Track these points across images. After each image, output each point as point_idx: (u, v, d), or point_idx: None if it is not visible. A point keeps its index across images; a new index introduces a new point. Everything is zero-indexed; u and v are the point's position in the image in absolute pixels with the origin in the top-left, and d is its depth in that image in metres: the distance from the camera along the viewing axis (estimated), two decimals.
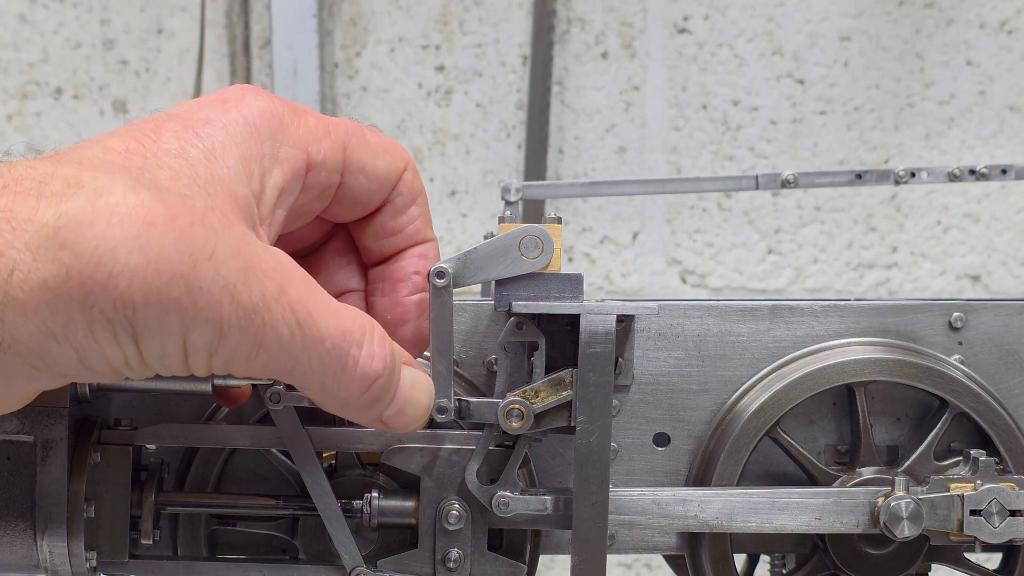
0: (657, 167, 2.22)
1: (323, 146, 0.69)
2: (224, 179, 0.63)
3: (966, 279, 2.23)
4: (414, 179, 0.74)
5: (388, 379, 0.66)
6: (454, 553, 0.77)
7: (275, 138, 0.66)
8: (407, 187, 0.73)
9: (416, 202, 0.74)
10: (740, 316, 0.83)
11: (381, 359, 0.65)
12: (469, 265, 0.74)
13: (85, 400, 0.75)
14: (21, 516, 0.73)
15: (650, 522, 0.79)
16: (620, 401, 0.82)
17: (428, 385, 0.70)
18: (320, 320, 0.63)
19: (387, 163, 0.72)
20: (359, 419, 0.68)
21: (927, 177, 1.14)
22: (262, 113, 0.66)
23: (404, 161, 0.73)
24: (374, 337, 0.65)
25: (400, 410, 0.68)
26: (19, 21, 2.26)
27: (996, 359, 0.84)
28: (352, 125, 0.72)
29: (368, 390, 0.65)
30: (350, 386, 0.65)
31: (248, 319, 0.60)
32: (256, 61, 2.26)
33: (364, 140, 0.71)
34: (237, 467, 0.81)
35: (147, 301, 0.58)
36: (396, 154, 0.73)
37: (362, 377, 0.65)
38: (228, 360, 0.61)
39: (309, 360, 0.63)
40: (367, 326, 0.65)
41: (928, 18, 2.20)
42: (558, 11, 2.21)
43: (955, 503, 0.78)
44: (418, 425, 0.70)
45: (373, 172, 0.71)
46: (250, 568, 0.78)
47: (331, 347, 0.63)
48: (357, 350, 0.64)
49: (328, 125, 0.70)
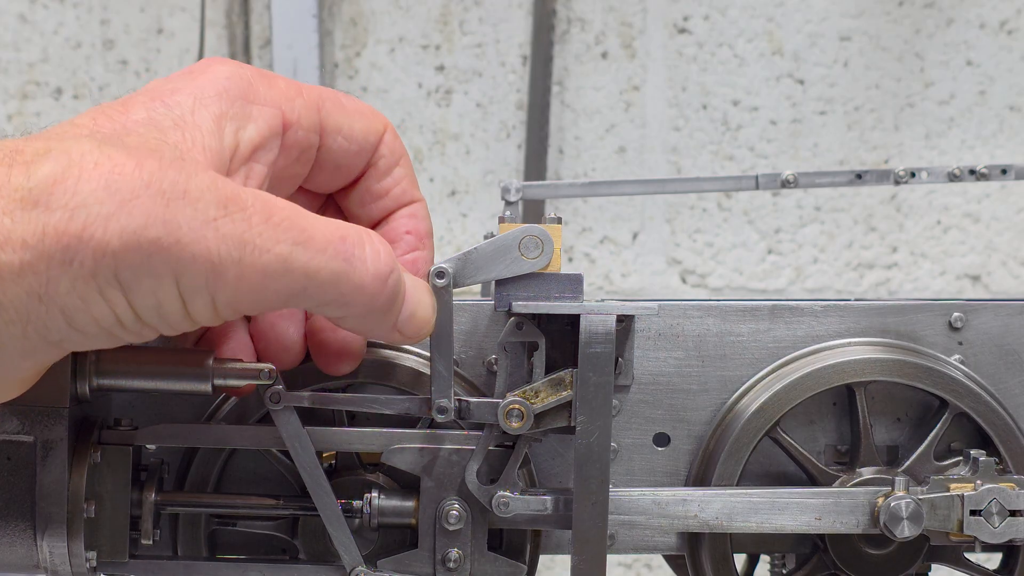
0: (657, 167, 2.22)
1: (296, 105, 0.69)
2: (195, 138, 0.64)
3: (966, 279, 2.23)
4: (394, 140, 0.74)
5: (398, 275, 0.66)
6: (454, 553, 0.77)
7: (245, 98, 0.67)
8: (388, 149, 0.74)
9: (399, 163, 0.75)
10: (740, 316, 0.83)
11: (387, 253, 0.65)
12: (469, 265, 0.74)
13: (85, 400, 0.75)
14: (21, 516, 0.73)
15: (650, 522, 0.79)
16: (620, 401, 0.82)
17: (428, 288, 0.71)
18: (315, 233, 0.62)
19: (364, 125, 0.72)
20: (379, 332, 0.68)
21: (927, 177, 1.14)
22: (230, 76, 0.67)
23: (382, 123, 0.73)
24: (372, 237, 0.65)
25: (412, 313, 0.68)
26: (19, 21, 2.26)
27: (996, 359, 0.84)
28: (326, 90, 0.72)
29: (384, 285, 0.65)
30: (365, 287, 0.64)
31: (240, 247, 0.60)
32: (256, 61, 2.26)
33: (339, 103, 0.72)
34: (237, 467, 0.81)
35: (126, 246, 0.58)
36: (374, 117, 0.73)
37: (375, 274, 0.64)
38: (233, 299, 0.61)
39: (318, 272, 0.62)
40: (362, 230, 0.65)
41: (928, 18, 2.20)
42: (558, 11, 2.22)
43: (955, 503, 0.78)
44: (429, 328, 0.70)
45: (351, 133, 0.72)
46: (250, 568, 0.78)
47: (335, 253, 0.63)
48: (361, 250, 0.64)
49: (300, 87, 0.71)
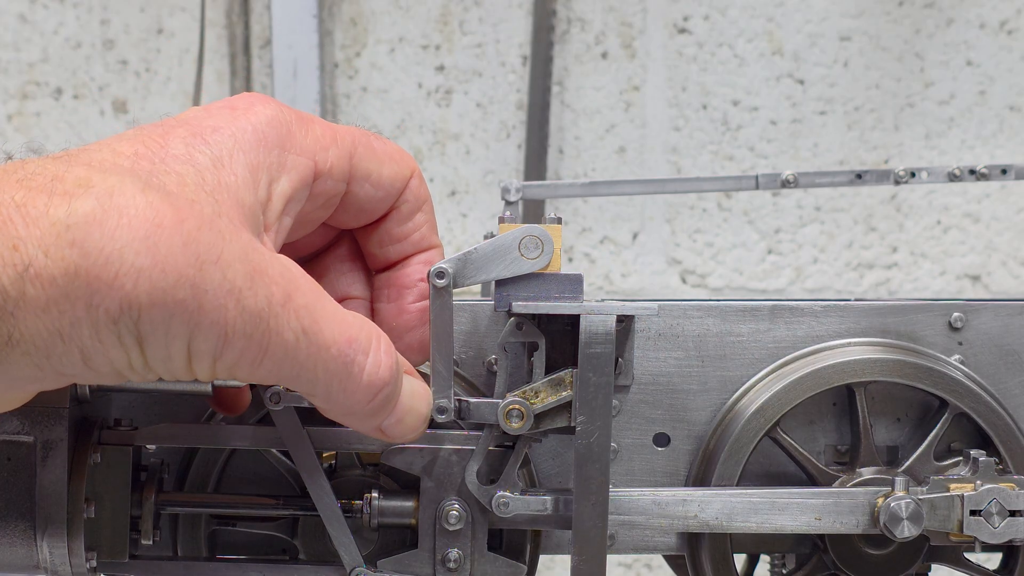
0: (657, 167, 2.22)
1: (330, 155, 0.69)
2: (231, 186, 0.63)
3: (966, 279, 2.23)
4: (420, 186, 0.74)
5: (393, 388, 0.66)
6: (454, 553, 0.77)
7: (283, 146, 0.66)
8: (413, 194, 0.73)
9: (422, 209, 0.74)
10: (740, 316, 0.83)
11: (388, 367, 0.65)
12: (469, 265, 0.74)
13: (85, 400, 0.75)
14: (21, 516, 0.73)
15: (650, 522, 0.79)
16: (620, 401, 0.82)
17: (426, 394, 0.71)
18: (326, 327, 0.63)
19: (393, 171, 0.72)
20: (359, 427, 0.68)
21: (927, 177, 1.14)
22: (270, 121, 0.66)
23: (410, 169, 0.73)
24: (381, 345, 0.65)
25: (399, 419, 0.68)
26: (19, 21, 2.26)
27: (996, 359, 0.84)
28: (359, 133, 0.71)
29: (374, 398, 0.65)
30: (355, 394, 0.65)
31: (253, 324, 0.60)
32: (256, 61, 2.26)
33: (371, 148, 0.71)
34: (237, 467, 0.81)
35: (152, 303, 0.58)
36: (402, 162, 0.72)
37: (368, 385, 0.65)
38: (232, 365, 0.61)
39: (314, 367, 0.63)
40: (373, 334, 0.65)
41: (928, 18, 2.20)
42: (558, 11, 2.22)
43: (955, 503, 0.78)
44: (416, 434, 0.70)
45: (379, 180, 0.71)
46: (250, 568, 0.78)
47: (336, 354, 0.63)
48: (363, 358, 0.64)
49: (335, 133, 0.70)
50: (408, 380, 0.69)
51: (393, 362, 0.66)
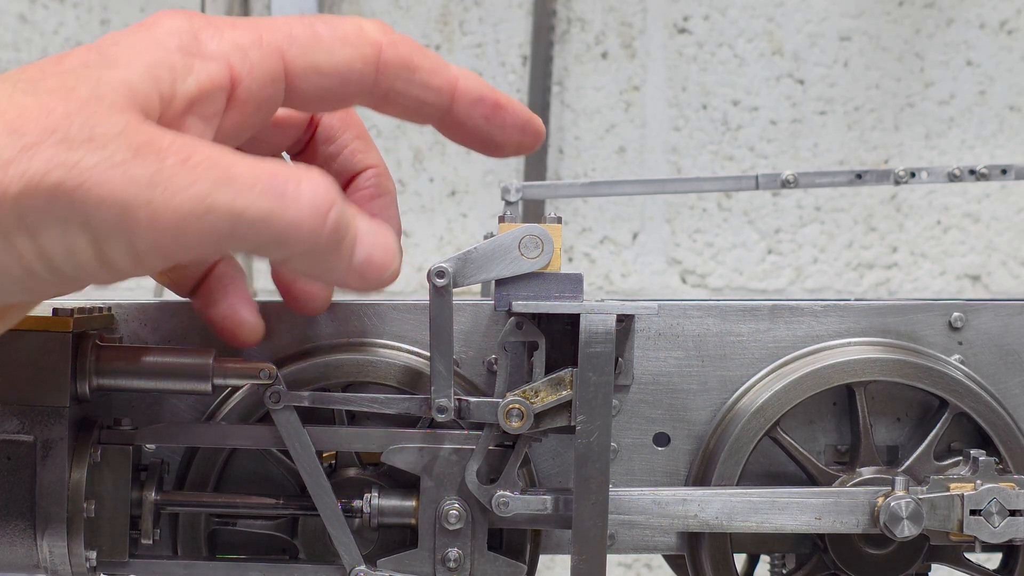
0: (657, 167, 2.22)
1: (250, 56, 0.65)
2: (123, 78, 0.61)
3: (966, 279, 2.23)
4: (384, 71, 0.68)
5: (341, 210, 0.62)
6: (454, 553, 0.77)
7: (187, 51, 0.64)
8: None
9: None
10: (740, 316, 0.83)
11: (326, 189, 0.61)
12: (469, 265, 0.74)
13: (85, 400, 0.76)
14: (21, 516, 0.73)
15: (650, 522, 0.79)
16: (620, 401, 0.82)
17: (389, 229, 0.66)
18: (241, 170, 0.59)
19: (348, 54, 0.67)
20: (331, 273, 0.64)
21: (927, 177, 1.14)
22: (173, 31, 0.64)
23: (372, 46, 0.68)
24: (312, 172, 0.61)
25: (369, 255, 0.64)
26: (19, 21, 2.26)
27: (996, 359, 0.84)
28: (298, 23, 0.67)
29: (325, 219, 0.61)
30: (302, 223, 0.60)
31: (149, 188, 0.57)
32: None
33: (314, 37, 0.67)
34: (237, 467, 0.81)
35: (26, 190, 0.56)
36: (359, 41, 0.67)
37: (312, 208, 0.60)
38: (154, 242, 0.58)
39: (245, 210, 0.59)
40: (302, 167, 0.62)
41: (928, 18, 2.20)
42: (558, 11, 2.22)
43: (955, 503, 0.78)
44: (392, 273, 0.65)
45: (330, 68, 0.67)
46: (250, 568, 0.78)
47: (264, 189, 0.59)
48: (295, 186, 0.60)
49: (260, 33, 0.66)
50: (363, 217, 0.64)
51: (329, 185, 0.61)
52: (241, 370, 0.74)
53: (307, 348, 0.81)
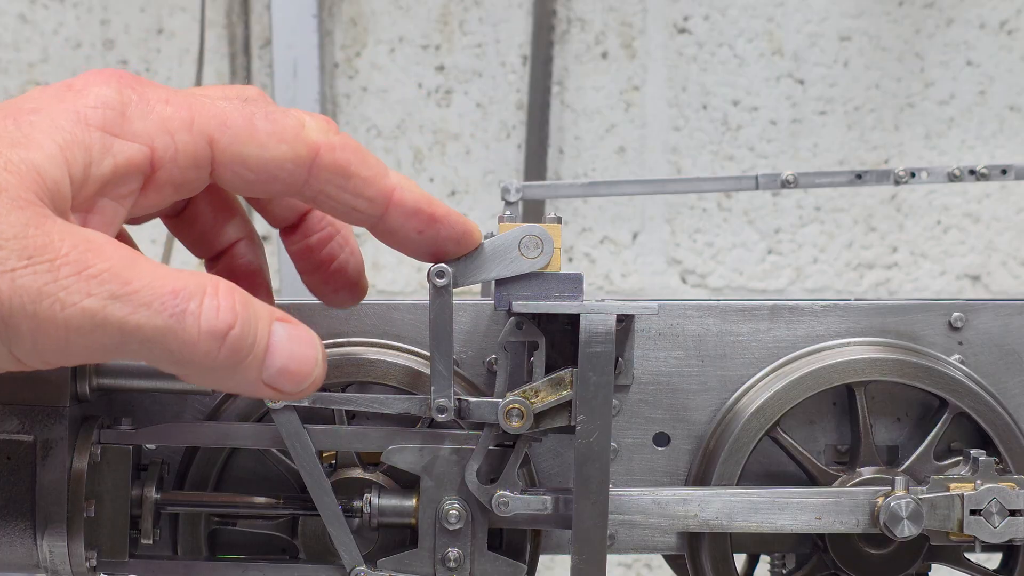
0: (657, 167, 2.22)
1: (177, 140, 0.63)
2: (34, 161, 0.59)
3: (966, 279, 2.23)
4: (329, 169, 0.66)
5: (244, 330, 0.60)
6: (454, 553, 0.77)
7: (109, 130, 0.62)
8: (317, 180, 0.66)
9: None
10: (740, 316, 0.83)
11: (228, 309, 0.59)
12: (469, 265, 0.74)
13: (85, 400, 0.76)
14: (21, 516, 0.73)
15: (650, 522, 0.79)
16: (620, 401, 0.82)
17: (312, 337, 0.63)
18: (142, 285, 0.58)
19: (281, 153, 0.65)
20: (238, 386, 0.62)
21: (927, 177, 1.14)
22: (99, 102, 0.62)
23: (308, 148, 0.65)
24: (218, 290, 0.60)
25: (283, 368, 0.62)
26: (19, 21, 2.26)
27: (996, 359, 0.84)
28: (235, 113, 0.64)
29: (222, 345, 0.59)
30: (198, 345, 0.59)
31: (35, 301, 0.56)
32: (256, 61, 2.26)
33: (250, 129, 0.64)
34: (237, 467, 0.81)
35: None
36: (296, 141, 0.65)
37: (208, 331, 0.59)
38: (35, 350, 0.58)
39: (138, 329, 0.58)
40: (207, 282, 0.60)
41: (928, 18, 2.20)
42: (558, 11, 2.22)
43: (955, 503, 0.78)
44: (311, 384, 0.63)
45: (259, 165, 0.65)
46: (250, 568, 0.78)
47: (160, 308, 0.58)
48: (196, 305, 0.59)
49: (193, 116, 0.63)
50: (283, 325, 0.63)
51: (234, 304, 0.60)
52: None
53: None
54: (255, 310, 0.61)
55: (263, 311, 0.62)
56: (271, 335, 0.62)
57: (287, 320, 0.63)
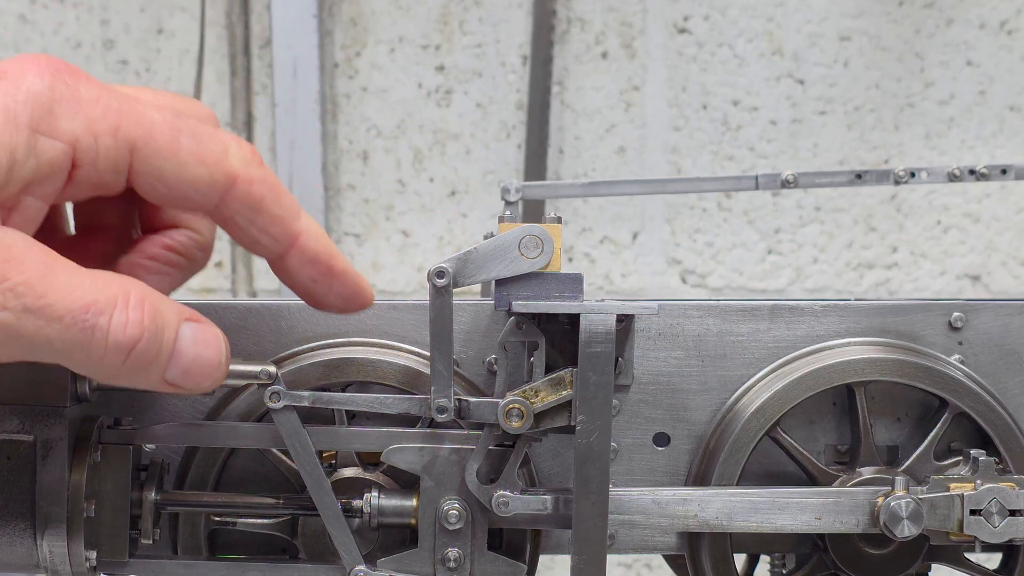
0: (657, 167, 2.22)
1: (100, 143, 0.63)
2: None
3: (966, 279, 2.23)
4: (248, 193, 0.66)
5: (151, 342, 0.62)
6: (454, 552, 0.77)
7: (36, 127, 0.62)
8: (239, 203, 0.67)
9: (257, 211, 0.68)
10: (740, 316, 0.83)
11: (136, 323, 0.62)
12: (469, 265, 0.74)
13: (85, 400, 0.76)
14: (21, 516, 0.73)
15: (650, 522, 0.79)
16: (620, 401, 0.82)
17: (216, 340, 0.66)
18: (55, 299, 0.60)
19: (197, 175, 0.65)
20: (143, 386, 0.65)
21: (927, 177, 1.14)
22: (30, 99, 0.62)
23: (224, 176, 0.66)
24: (129, 302, 0.62)
25: (186, 370, 0.65)
26: (19, 21, 2.26)
27: (996, 359, 0.84)
28: (165, 124, 0.65)
29: (128, 358, 0.62)
30: (105, 358, 0.62)
31: None
32: (256, 61, 2.26)
33: (173, 145, 0.65)
34: (237, 467, 0.81)
35: None
36: (216, 166, 0.65)
37: (115, 347, 0.62)
38: None
39: (49, 342, 0.60)
40: (120, 292, 0.62)
41: (928, 18, 2.20)
42: (558, 11, 2.21)
43: (955, 503, 0.78)
44: (212, 382, 0.66)
45: (174, 182, 0.65)
46: (250, 568, 0.78)
47: (71, 322, 0.60)
48: (105, 320, 0.61)
49: (120, 122, 0.64)
50: (191, 327, 0.65)
51: (142, 317, 0.62)
52: (241, 370, 0.74)
53: (307, 348, 0.81)
54: (164, 319, 0.63)
55: (172, 316, 0.64)
56: (177, 339, 0.64)
57: (196, 320, 0.65)
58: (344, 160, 2.26)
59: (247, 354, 0.80)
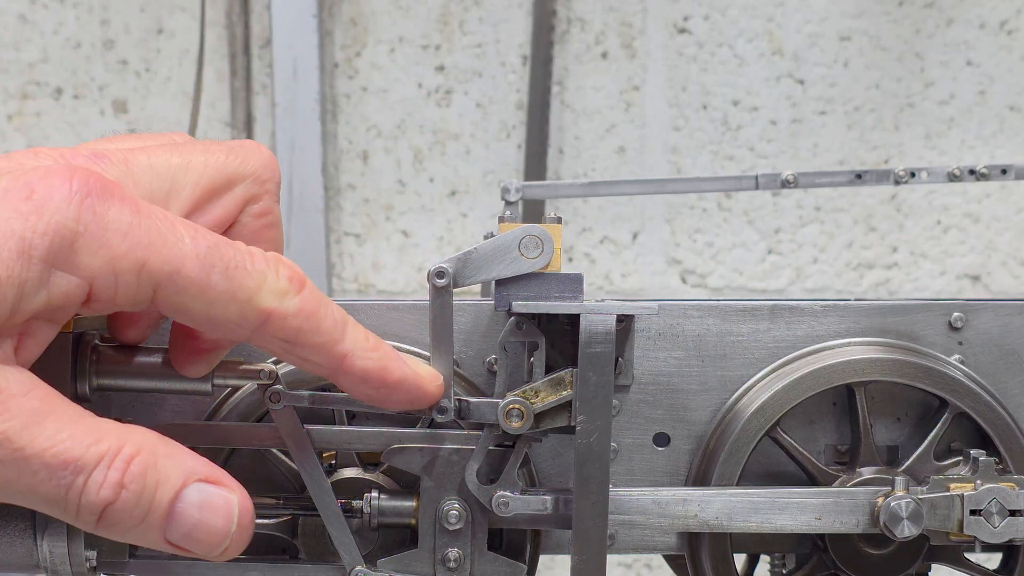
0: (657, 167, 2.22)
1: (120, 281, 0.60)
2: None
3: (966, 279, 2.23)
4: (275, 335, 0.64)
5: (130, 504, 0.60)
6: (454, 553, 0.77)
7: (51, 262, 0.59)
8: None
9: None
10: (740, 316, 0.83)
11: (113, 484, 0.60)
12: (469, 265, 0.74)
13: (85, 400, 0.75)
14: (21, 516, 0.73)
15: (650, 522, 0.79)
16: (620, 401, 0.82)
17: (227, 506, 0.63)
18: (33, 452, 0.58)
19: (224, 314, 0.62)
20: (144, 544, 0.63)
21: (927, 177, 1.14)
22: (51, 230, 0.59)
23: (259, 315, 0.63)
24: (112, 461, 0.60)
25: (187, 535, 0.62)
26: (19, 21, 2.26)
27: (996, 359, 0.84)
28: (199, 260, 0.61)
29: (101, 519, 0.60)
30: (79, 517, 0.60)
31: None
32: (256, 61, 2.26)
33: (203, 285, 0.61)
34: (237, 467, 0.81)
35: None
36: (247, 305, 0.62)
37: (87, 507, 0.59)
38: None
39: (23, 493, 0.59)
40: (110, 449, 0.60)
41: (928, 18, 2.20)
42: (558, 11, 2.21)
43: (955, 503, 0.78)
44: (222, 550, 0.63)
45: (202, 319, 0.63)
46: (250, 568, 0.78)
47: (46, 477, 0.59)
48: (82, 479, 0.59)
49: (147, 260, 0.60)
50: (200, 490, 0.62)
51: (120, 478, 0.60)
52: (241, 371, 0.74)
53: None
54: (157, 479, 0.61)
55: (173, 476, 0.62)
56: (177, 501, 0.62)
57: (211, 481, 0.63)
58: (344, 160, 2.26)
59: (247, 354, 0.80)
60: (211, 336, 0.68)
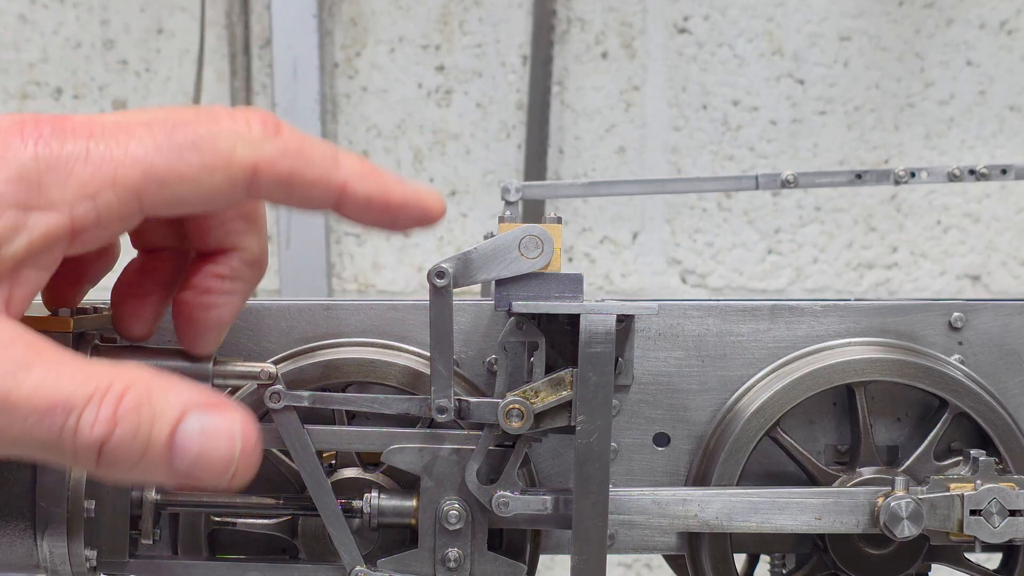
0: (657, 167, 2.22)
1: (99, 202, 0.60)
2: None
3: (966, 279, 2.23)
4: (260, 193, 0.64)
5: (127, 439, 0.59)
6: (454, 553, 0.77)
7: (24, 204, 0.59)
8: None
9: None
10: (740, 316, 0.83)
11: (105, 420, 0.58)
12: (469, 265, 0.74)
13: None
14: (21, 516, 0.73)
15: (650, 522, 0.79)
16: (620, 401, 0.82)
17: (228, 431, 0.61)
18: (20, 397, 0.58)
19: (217, 181, 0.62)
20: (155, 482, 0.63)
21: (927, 177, 1.14)
22: (15, 175, 0.59)
23: (245, 170, 0.62)
24: (103, 398, 0.59)
25: (192, 464, 0.60)
26: (19, 21, 2.26)
27: (996, 359, 0.84)
28: (161, 152, 0.61)
29: (100, 457, 0.59)
30: (77, 458, 0.59)
31: None
32: (256, 61, 2.26)
33: (179, 168, 0.61)
34: None
35: None
36: (228, 167, 0.62)
37: (84, 446, 0.58)
38: None
39: (17, 441, 0.58)
40: (100, 387, 0.59)
41: (928, 18, 2.20)
42: (558, 11, 2.21)
43: (955, 503, 0.78)
44: (236, 476, 0.61)
45: (199, 197, 0.62)
46: (250, 568, 0.78)
47: (36, 422, 0.58)
48: (73, 419, 0.58)
49: (115, 173, 0.60)
50: (200, 417, 0.60)
51: (112, 413, 0.59)
52: (241, 371, 0.74)
53: (307, 348, 0.81)
54: (152, 411, 0.60)
55: (169, 407, 0.60)
56: (177, 432, 0.60)
57: (210, 408, 0.61)
58: None
59: (247, 354, 0.80)
60: (206, 212, 0.66)
